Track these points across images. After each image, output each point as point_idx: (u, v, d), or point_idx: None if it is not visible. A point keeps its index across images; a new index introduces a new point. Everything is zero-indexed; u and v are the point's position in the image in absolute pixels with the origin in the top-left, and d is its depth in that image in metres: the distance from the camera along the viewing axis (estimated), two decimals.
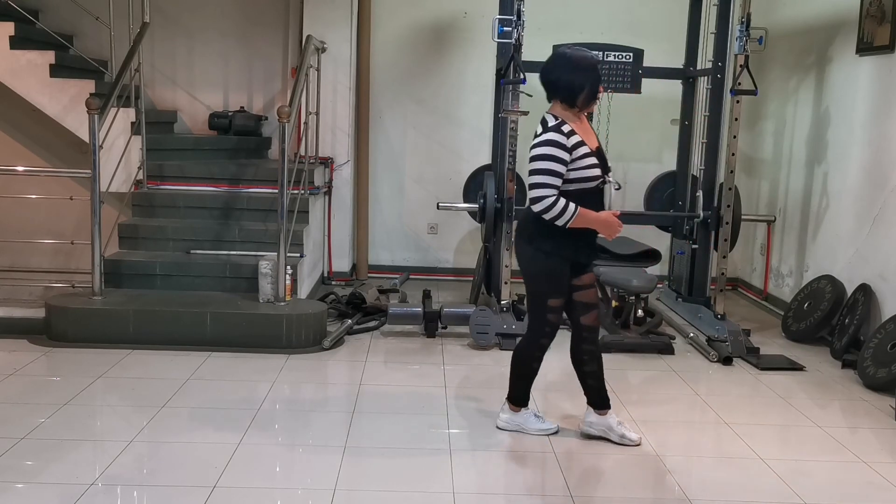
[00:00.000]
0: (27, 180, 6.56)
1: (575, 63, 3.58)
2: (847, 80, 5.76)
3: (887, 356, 4.71)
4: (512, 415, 3.92)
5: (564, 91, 3.56)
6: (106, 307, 5.06)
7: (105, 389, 4.30)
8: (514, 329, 5.24)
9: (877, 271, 5.29)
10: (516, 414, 3.92)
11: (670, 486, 3.46)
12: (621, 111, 6.16)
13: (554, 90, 3.60)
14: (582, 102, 3.58)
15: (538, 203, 3.48)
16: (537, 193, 3.49)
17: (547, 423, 3.93)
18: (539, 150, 3.50)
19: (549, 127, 3.54)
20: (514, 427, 3.90)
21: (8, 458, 3.43)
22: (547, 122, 3.58)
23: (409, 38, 7.00)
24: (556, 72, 3.59)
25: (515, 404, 3.92)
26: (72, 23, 6.79)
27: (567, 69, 3.57)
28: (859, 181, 5.55)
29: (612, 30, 6.57)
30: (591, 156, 3.56)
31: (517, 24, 5.24)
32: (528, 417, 3.92)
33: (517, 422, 3.91)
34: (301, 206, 5.78)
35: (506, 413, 3.94)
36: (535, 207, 3.51)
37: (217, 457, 3.50)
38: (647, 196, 6.53)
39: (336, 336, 5.18)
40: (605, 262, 5.72)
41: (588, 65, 3.59)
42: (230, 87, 7.14)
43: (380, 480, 3.41)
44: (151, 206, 5.95)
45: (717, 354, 5.15)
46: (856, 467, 3.68)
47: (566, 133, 3.51)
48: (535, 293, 3.74)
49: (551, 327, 3.73)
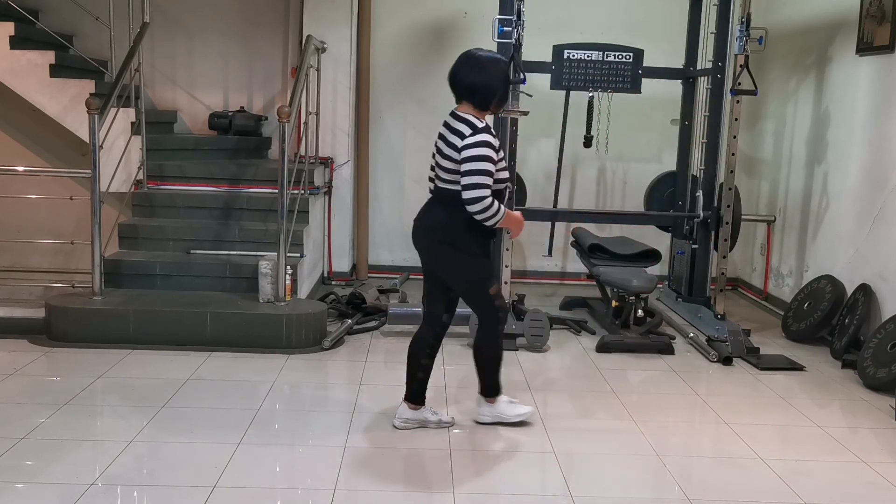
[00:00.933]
0: (27, 180, 6.55)
1: (490, 67, 3.62)
2: (847, 80, 5.76)
3: (887, 356, 4.71)
4: (490, 407, 3.97)
5: (480, 96, 3.61)
6: (106, 307, 5.06)
7: (105, 389, 4.30)
8: (513, 329, 5.24)
9: (877, 271, 5.29)
10: (493, 405, 3.97)
11: (670, 486, 3.46)
12: (621, 111, 6.16)
13: (468, 94, 3.63)
14: (495, 107, 3.67)
15: (476, 203, 3.52)
16: (477, 194, 3.52)
17: (522, 407, 4.01)
18: (476, 151, 3.52)
19: (480, 128, 3.58)
20: (495, 418, 3.96)
21: (8, 458, 3.43)
22: (473, 123, 3.60)
23: (409, 38, 7.00)
24: (470, 76, 3.61)
25: (491, 395, 3.97)
26: (72, 23, 6.79)
27: (481, 73, 3.60)
28: (859, 181, 5.55)
29: (612, 30, 6.57)
30: (503, 159, 3.69)
31: (517, 24, 5.24)
32: (504, 405, 3.98)
33: (497, 412, 3.97)
34: (301, 206, 5.78)
35: (484, 406, 3.98)
36: (472, 207, 3.54)
37: (217, 457, 3.50)
38: (647, 196, 6.53)
39: (336, 336, 5.18)
40: (605, 262, 5.73)
41: (501, 70, 3.66)
42: (230, 87, 7.14)
43: (380, 480, 3.41)
44: (151, 206, 5.95)
45: (717, 354, 5.15)
46: (856, 467, 3.68)
47: (493, 135, 3.60)
48: (473, 291, 3.80)
49: (503, 311, 3.83)
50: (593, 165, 7.19)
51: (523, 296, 5.98)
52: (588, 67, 5.78)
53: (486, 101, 3.62)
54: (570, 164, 7.03)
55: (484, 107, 3.63)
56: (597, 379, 4.77)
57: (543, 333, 5.26)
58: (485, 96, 3.61)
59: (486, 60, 3.64)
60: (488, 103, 3.63)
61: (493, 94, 3.62)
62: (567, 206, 7.14)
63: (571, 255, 6.94)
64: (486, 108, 3.65)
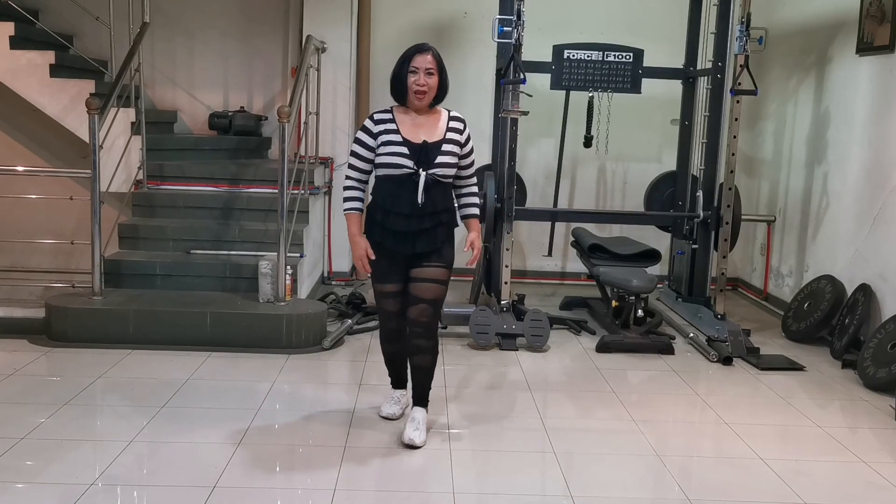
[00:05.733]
0: (27, 180, 6.55)
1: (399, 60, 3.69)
2: (847, 80, 5.76)
3: (887, 356, 4.71)
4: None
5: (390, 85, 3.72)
6: (106, 307, 5.06)
7: (105, 389, 4.30)
8: (514, 329, 5.24)
9: (877, 271, 5.29)
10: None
11: (670, 486, 3.46)
12: (621, 111, 6.17)
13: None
14: (399, 97, 3.70)
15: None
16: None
17: (387, 407, 4.06)
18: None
19: (370, 113, 3.74)
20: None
21: (8, 458, 3.43)
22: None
23: (409, 38, 6.94)
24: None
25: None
26: (72, 23, 6.79)
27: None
28: (859, 181, 5.55)
29: (612, 30, 6.57)
30: (399, 144, 3.63)
31: (517, 24, 5.25)
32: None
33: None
34: (301, 206, 5.78)
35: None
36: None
37: (217, 457, 3.50)
38: (647, 196, 6.53)
39: (336, 336, 5.18)
40: (605, 262, 5.72)
41: (398, 61, 3.68)
42: (230, 87, 7.14)
43: (380, 480, 3.41)
44: (151, 206, 5.95)
45: (717, 354, 5.15)
46: (856, 467, 3.68)
47: (376, 120, 3.67)
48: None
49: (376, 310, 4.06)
50: (593, 165, 7.18)
51: (523, 296, 5.98)
52: (588, 67, 5.78)
53: (392, 91, 3.72)
54: (570, 164, 7.03)
55: (393, 97, 3.73)
56: (597, 379, 4.77)
57: (543, 333, 5.26)
58: (390, 86, 3.72)
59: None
60: (393, 93, 3.72)
61: (391, 84, 3.71)
62: (567, 206, 7.14)
63: (571, 255, 6.94)
64: (395, 98, 3.73)
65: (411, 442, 3.68)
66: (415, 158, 3.60)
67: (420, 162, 3.61)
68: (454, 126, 3.71)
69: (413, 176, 3.60)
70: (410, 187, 3.60)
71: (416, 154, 3.61)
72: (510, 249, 5.52)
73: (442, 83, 3.67)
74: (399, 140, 3.62)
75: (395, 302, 3.80)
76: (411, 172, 3.60)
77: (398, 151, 3.61)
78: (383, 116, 3.68)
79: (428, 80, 3.60)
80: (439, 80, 3.65)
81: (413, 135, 3.63)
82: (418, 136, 3.64)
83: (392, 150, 3.61)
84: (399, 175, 3.62)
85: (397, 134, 3.63)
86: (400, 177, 3.62)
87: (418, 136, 3.64)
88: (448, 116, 3.74)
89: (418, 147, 3.62)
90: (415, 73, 3.60)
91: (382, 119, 3.67)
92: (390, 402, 4.05)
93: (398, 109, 3.71)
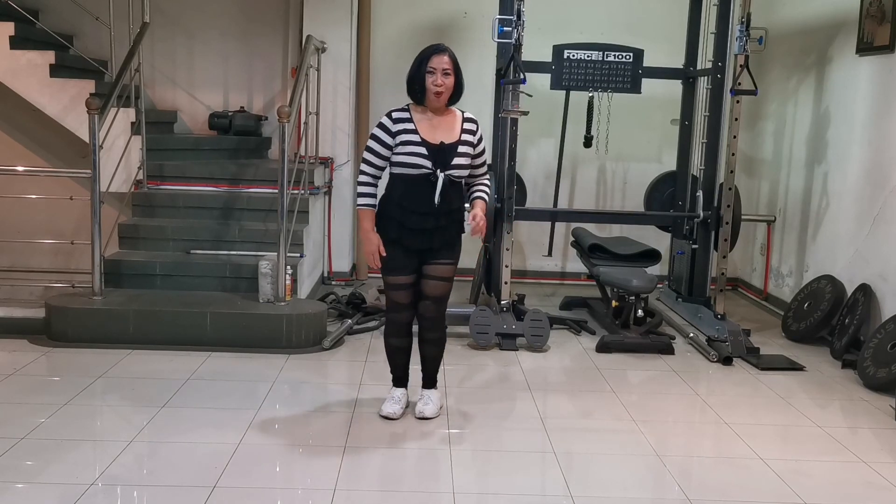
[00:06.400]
0: (27, 180, 6.55)
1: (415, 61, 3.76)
2: (847, 80, 5.76)
3: (887, 356, 4.70)
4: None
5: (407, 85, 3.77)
6: (106, 307, 5.06)
7: (105, 389, 4.30)
8: (514, 329, 5.24)
9: (877, 271, 5.29)
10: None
11: (670, 486, 3.46)
12: (621, 111, 6.16)
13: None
14: (416, 97, 3.75)
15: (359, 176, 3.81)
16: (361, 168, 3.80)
17: (387, 406, 4.05)
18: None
19: (388, 112, 3.80)
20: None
21: (8, 458, 3.43)
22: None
23: (409, 38, 6.99)
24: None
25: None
26: (72, 23, 6.79)
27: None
28: (859, 181, 5.55)
29: (612, 30, 6.57)
30: (417, 145, 3.67)
31: (517, 24, 5.25)
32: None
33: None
34: (301, 206, 5.78)
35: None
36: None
37: (217, 457, 3.50)
38: (647, 196, 6.53)
39: (336, 336, 5.18)
40: (605, 262, 5.72)
41: (414, 62, 3.75)
42: (230, 87, 7.14)
43: (380, 480, 3.41)
44: (151, 206, 5.94)
45: (717, 354, 5.14)
46: (856, 467, 3.68)
47: (394, 119, 3.73)
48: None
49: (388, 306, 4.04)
50: (593, 165, 7.18)
51: (523, 296, 5.97)
52: (588, 67, 5.78)
53: (409, 91, 3.79)
54: (570, 164, 7.03)
55: (410, 96, 3.80)
56: (597, 379, 4.77)
57: (543, 333, 5.26)
58: (407, 86, 3.80)
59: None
60: (410, 93, 3.78)
61: (407, 84, 3.78)
62: (567, 206, 7.14)
63: (571, 255, 6.94)
64: (412, 97, 3.79)
65: (422, 414, 3.93)
66: (433, 159, 3.67)
67: (437, 163, 3.67)
68: (468, 127, 3.80)
69: (430, 176, 3.67)
70: (426, 186, 3.67)
71: (434, 155, 3.67)
72: (510, 249, 5.52)
73: (458, 83, 3.73)
74: (417, 140, 3.68)
75: (406, 294, 3.87)
76: (429, 173, 3.66)
77: (417, 152, 3.67)
78: (401, 115, 3.73)
79: (445, 81, 3.67)
80: (455, 80, 3.70)
81: (431, 135, 3.70)
82: (436, 136, 3.70)
83: (411, 150, 3.67)
84: (416, 175, 3.67)
85: (415, 134, 3.69)
86: (417, 176, 3.67)
87: (436, 136, 3.70)
88: (462, 118, 3.82)
89: (436, 148, 3.68)
90: (432, 74, 3.66)
91: (401, 118, 3.72)
92: (390, 401, 4.05)
93: (415, 109, 3.76)
